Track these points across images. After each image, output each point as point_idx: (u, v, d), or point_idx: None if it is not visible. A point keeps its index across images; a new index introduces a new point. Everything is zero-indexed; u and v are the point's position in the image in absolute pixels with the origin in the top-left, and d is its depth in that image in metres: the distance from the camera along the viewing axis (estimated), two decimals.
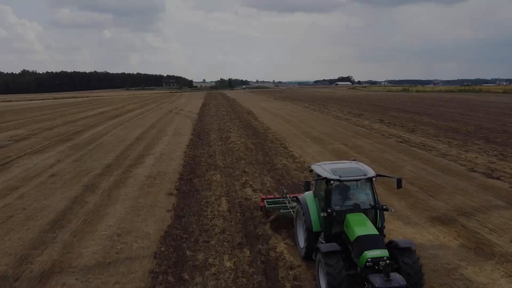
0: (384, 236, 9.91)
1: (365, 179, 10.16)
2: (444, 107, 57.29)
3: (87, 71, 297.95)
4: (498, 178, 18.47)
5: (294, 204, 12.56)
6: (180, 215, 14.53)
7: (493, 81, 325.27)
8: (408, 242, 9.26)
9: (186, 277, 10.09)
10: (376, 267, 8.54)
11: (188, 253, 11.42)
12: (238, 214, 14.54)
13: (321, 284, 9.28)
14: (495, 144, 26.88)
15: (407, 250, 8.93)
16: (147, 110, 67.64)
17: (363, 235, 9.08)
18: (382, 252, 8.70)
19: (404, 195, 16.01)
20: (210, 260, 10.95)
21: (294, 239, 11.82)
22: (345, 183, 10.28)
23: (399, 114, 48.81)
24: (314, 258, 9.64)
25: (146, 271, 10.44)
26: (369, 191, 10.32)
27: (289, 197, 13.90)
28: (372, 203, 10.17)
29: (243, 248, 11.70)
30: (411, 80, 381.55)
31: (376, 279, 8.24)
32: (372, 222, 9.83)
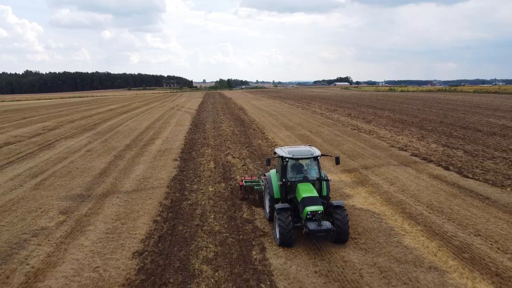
0: (329, 199, 13.13)
1: (312, 157, 13.07)
2: (408, 104, 64.71)
3: (88, 72, 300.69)
4: (405, 150, 25.80)
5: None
6: (182, 169, 21.82)
7: (492, 81, 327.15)
8: (341, 202, 12.01)
9: (186, 194, 17.33)
10: (314, 218, 11.45)
11: (187, 185, 18.69)
12: (220, 168, 21.85)
13: (276, 234, 11.91)
14: (424, 131, 34.23)
15: (339, 208, 11.80)
16: (151, 107, 74.76)
17: (306, 196, 11.86)
18: (318, 207, 11.50)
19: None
20: (200, 187, 18.23)
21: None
22: (296, 160, 13.21)
23: (367, 109, 56.26)
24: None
25: (163, 192, 17.67)
26: (316, 167, 13.24)
27: (263, 178, 16.01)
28: (318, 176, 13.03)
29: (221, 183, 18.95)
30: (411, 80, 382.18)
31: (311, 225, 11.22)
32: (319, 190, 12.68)
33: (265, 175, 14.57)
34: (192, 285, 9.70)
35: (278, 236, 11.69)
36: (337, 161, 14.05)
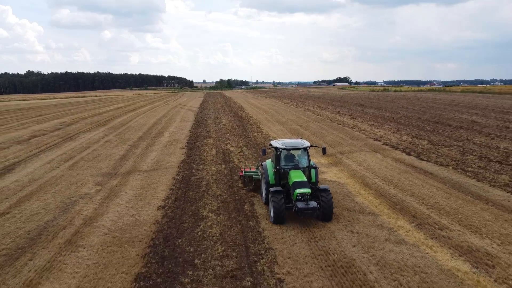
0: (318, 183, 14.81)
1: (302, 148, 14.84)
2: (395, 103, 68.91)
3: (90, 72, 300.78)
4: (379, 141, 29.92)
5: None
6: (189, 155, 25.94)
7: (492, 81, 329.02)
8: (326, 187, 13.85)
9: (194, 172, 21.44)
10: (302, 199, 13.18)
11: (194, 166, 22.81)
12: (221, 154, 25.98)
13: (270, 213, 13.61)
14: (400, 125, 38.37)
15: (325, 191, 13.54)
16: (155, 106, 78.83)
17: (296, 181, 13.58)
18: (306, 190, 13.20)
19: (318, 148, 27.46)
20: (205, 167, 22.35)
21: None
22: (289, 151, 15.02)
23: (356, 107, 60.42)
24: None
25: (175, 171, 21.78)
26: (305, 157, 14.96)
27: (260, 169, 17.39)
28: (307, 164, 14.73)
29: (222, 164, 23.07)
30: (411, 81, 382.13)
31: (300, 204, 13.00)
32: (308, 177, 14.35)
33: (262, 165, 16.17)
34: (202, 223, 13.81)
35: (272, 215, 13.44)
36: (324, 151, 16.08)
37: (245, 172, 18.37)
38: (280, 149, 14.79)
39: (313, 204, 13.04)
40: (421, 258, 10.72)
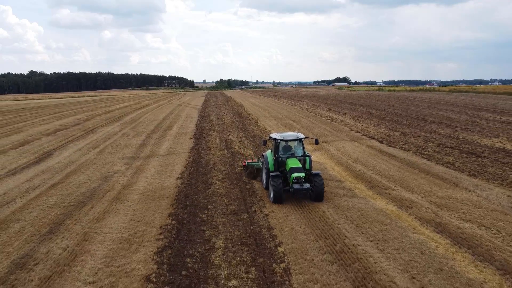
0: (311, 168, 16.61)
1: (298, 140, 16.80)
2: (383, 101, 73.55)
3: (91, 72, 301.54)
4: (359, 132, 34.51)
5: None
6: (197, 143, 30.50)
7: (491, 81, 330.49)
8: (319, 172, 15.78)
9: (202, 155, 26.00)
10: (298, 181, 15.12)
11: (202, 151, 27.37)
12: (224, 143, 30.55)
13: (270, 194, 15.66)
14: (382, 120, 42.95)
15: (317, 175, 15.47)
16: (161, 104, 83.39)
17: (293, 166, 15.58)
18: (301, 174, 15.17)
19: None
20: (211, 152, 26.91)
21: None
22: (286, 142, 16.96)
23: (346, 105, 65.07)
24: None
25: (186, 155, 26.33)
26: (300, 147, 16.90)
27: (261, 159, 19.26)
28: (302, 153, 16.69)
29: (224, 150, 27.64)
30: (410, 80, 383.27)
31: (295, 185, 15.02)
32: (303, 164, 16.25)
33: (263, 155, 18.08)
34: (211, 187, 18.37)
35: (272, 195, 15.49)
36: (317, 142, 18.57)
37: (247, 162, 20.46)
38: (279, 141, 16.85)
39: (307, 185, 15.13)
40: (365, 204, 15.29)
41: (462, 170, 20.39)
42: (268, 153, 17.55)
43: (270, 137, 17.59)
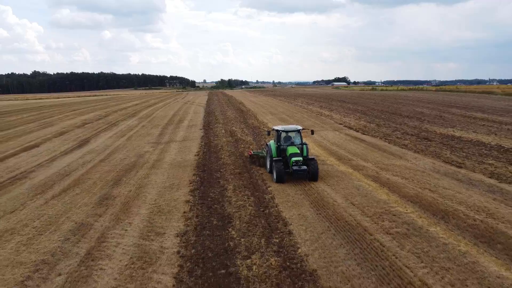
0: (308, 154, 19.46)
1: (296, 130, 19.89)
2: (371, 99, 79.79)
3: (93, 72, 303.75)
4: (341, 124, 40.68)
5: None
6: (206, 133, 36.65)
7: (490, 81, 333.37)
8: (314, 157, 19.51)
9: (212, 141, 32.14)
10: (296, 164, 18.01)
11: (211, 138, 33.50)
12: (228, 132, 36.71)
13: (273, 176, 18.42)
14: (364, 115, 49.10)
15: (312, 160, 18.65)
16: (167, 103, 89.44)
17: (292, 152, 18.58)
18: (299, 158, 18.14)
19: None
20: (218, 139, 33.04)
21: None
22: (286, 133, 20.00)
23: (337, 103, 71.29)
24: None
25: (199, 141, 32.42)
26: (299, 137, 19.94)
27: (265, 148, 22.05)
28: (300, 142, 19.69)
29: (229, 137, 33.76)
30: (410, 80, 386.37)
31: (294, 167, 17.84)
32: (301, 151, 19.11)
33: (267, 145, 20.78)
34: (221, 160, 24.49)
35: (275, 176, 18.20)
36: (312, 132, 23.71)
37: (253, 151, 24.21)
38: (280, 131, 19.77)
39: (304, 167, 17.92)
40: (331, 168, 21.42)
41: (410, 148, 26.59)
42: (271, 143, 20.38)
43: (273, 129, 20.72)
